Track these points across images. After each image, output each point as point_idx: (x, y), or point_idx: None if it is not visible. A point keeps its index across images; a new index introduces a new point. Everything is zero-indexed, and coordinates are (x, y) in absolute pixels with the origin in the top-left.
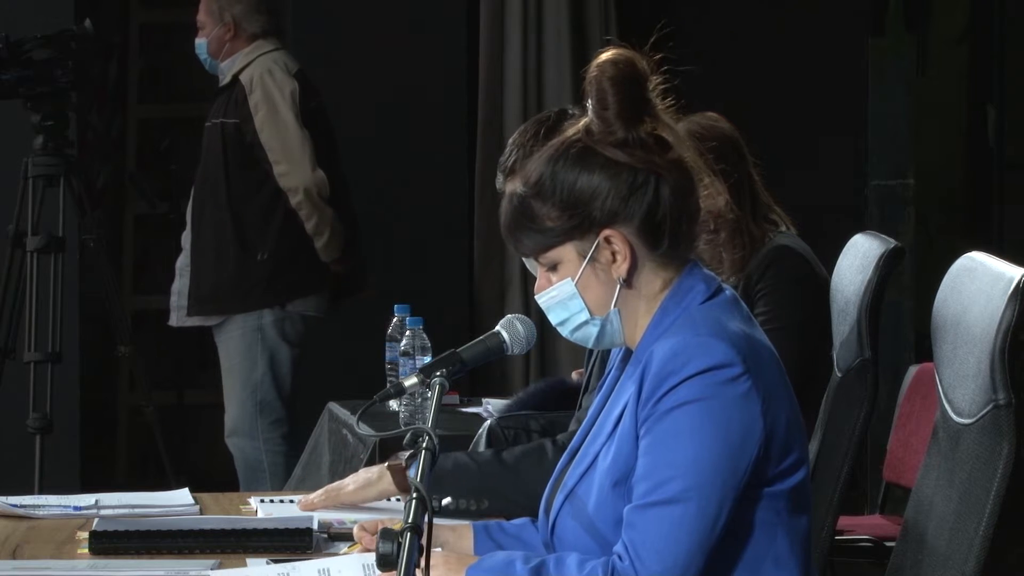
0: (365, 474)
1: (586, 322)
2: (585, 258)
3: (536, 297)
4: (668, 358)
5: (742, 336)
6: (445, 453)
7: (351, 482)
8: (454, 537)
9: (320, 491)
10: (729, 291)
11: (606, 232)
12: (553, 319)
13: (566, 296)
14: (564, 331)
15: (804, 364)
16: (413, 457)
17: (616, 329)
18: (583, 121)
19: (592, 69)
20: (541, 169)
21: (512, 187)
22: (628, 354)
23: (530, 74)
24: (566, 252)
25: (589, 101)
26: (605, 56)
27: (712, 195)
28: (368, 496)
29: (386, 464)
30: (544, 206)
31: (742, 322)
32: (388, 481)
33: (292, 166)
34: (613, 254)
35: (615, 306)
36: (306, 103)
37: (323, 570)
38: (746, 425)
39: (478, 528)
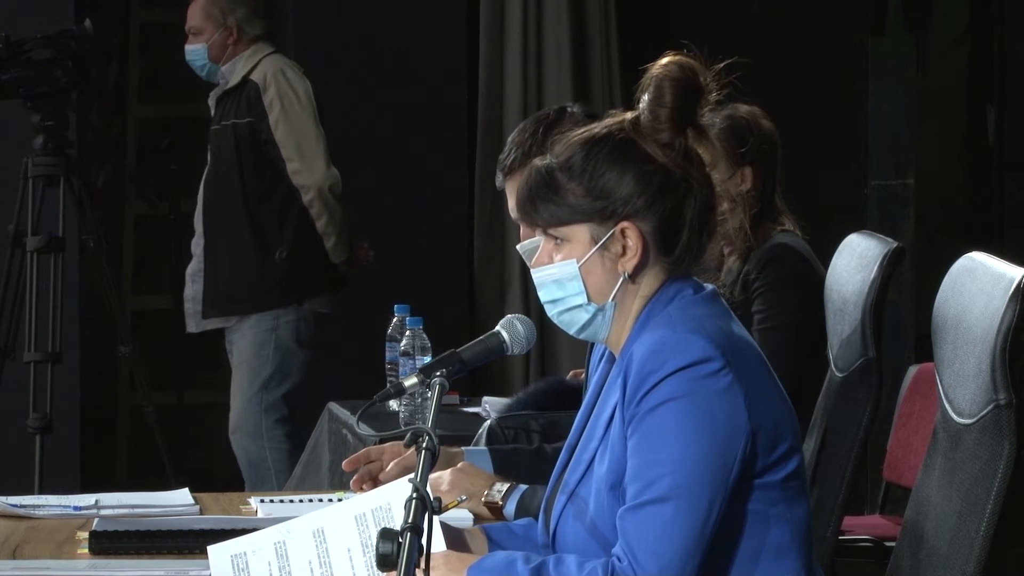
0: (467, 485)
1: (579, 306)
2: (596, 244)
3: (532, 270)
4: (647, 357)
5: (720, 330)
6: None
7: (450, 486)
8: (471, 540)
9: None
10: (709, 287)
11: (624, 224)
12: (544, 296)
13: (566, 276)
14: (552, 310)
15: (801, 362)
16: (510, 492)
17: (607, 321)
18: (630, 114)
19: (656, 67)
20: (576, 150)
21: (539, 161)
22: (612, 355)
23: (530, 74)
24: (579, 232)
25: (644, 96)
26: (672, 58)
27: (728, 220)
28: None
29: (484, 496)
30: (571, 182)
31: (720, 317)
32: (480, 505)
33: (305, 164)
34: (624, 248)
35: (613, 299)
36: (319, 102)
37: (318, 531)
38: (731, 418)
39: (489, 530)
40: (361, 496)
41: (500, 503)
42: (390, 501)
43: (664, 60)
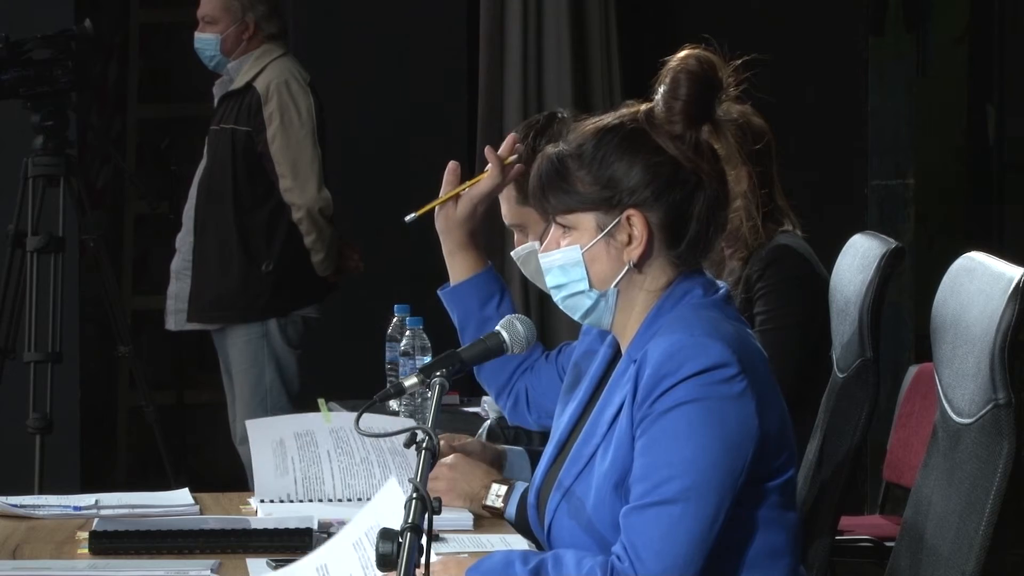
0: (464, 486)
1: (582, 292)
2: (602, 231)
3: (539, 255)
4: (664, 359)
5: (735, 336)
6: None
7: (448, 483)
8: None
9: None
10: (724, 289)
11: (630, 212)
12: (549, 281)
13: (570, 262)
14: (557, 295)
15: (803, 364)
16: (509, 494)
17: (608, 308)
18: (644, 105)
19: (673, 60)
20: (587, 138)
21: (551, 149)
22: (616, 352)
23: (530, 74)
24: (586, 220)
25: (660, 88)
26: (689, 51)
27: (739, 217)
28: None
29: (483, 500)
30: (580, 170)
31: (734, 321)
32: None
33: (298, 183)
34: (630, 237)
35: (616, 286)
36: (320, 116)
37: (321, 567)
38: (742, 424)
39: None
40: (352, 522)
41: (501, 506)
42: (377, 520)
43: (682, 53)
